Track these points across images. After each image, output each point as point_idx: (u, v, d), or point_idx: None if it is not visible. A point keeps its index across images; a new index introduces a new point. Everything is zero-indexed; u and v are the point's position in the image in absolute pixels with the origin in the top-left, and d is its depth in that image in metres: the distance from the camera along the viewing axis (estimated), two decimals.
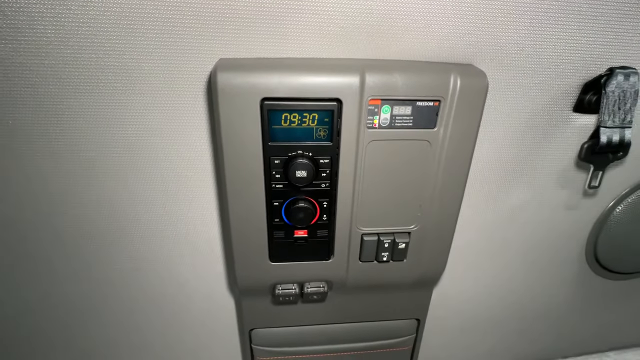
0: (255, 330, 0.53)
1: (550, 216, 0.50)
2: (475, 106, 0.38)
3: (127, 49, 0.34)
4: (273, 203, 0.40)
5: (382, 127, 0.38)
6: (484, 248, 0.53)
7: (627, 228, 0.52)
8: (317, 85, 0.35)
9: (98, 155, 0.39)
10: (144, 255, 0.46)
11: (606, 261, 0.55)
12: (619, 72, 0.39)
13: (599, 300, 0.60)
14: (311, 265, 0.46)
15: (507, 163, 0.46)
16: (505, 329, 0.62)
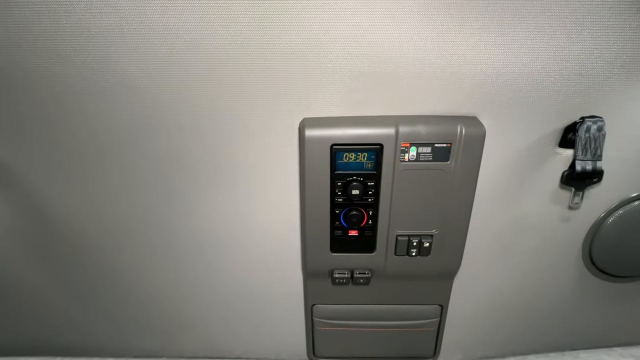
0: (316, 305, 0.72)
1: (548, 225, 0.64)
2: (476, 147, 0.54)
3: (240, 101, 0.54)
4: (335, 211, 0.59)
5: (410, 161, 0.56)
6: (495, 250, 0.67)
7: (618, 237, 0.64)
8: (367, 135, 0.54)
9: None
10: (244, 243, 0.67)
11: (601, 265, 0.67)
12: (588, 120, 0.54)
13: (599, 299, 0.71)
14: (359, 257, 0.64)
15: (509, 184, 0.61)
16: (517, 321, 0.75)
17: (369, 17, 0.48)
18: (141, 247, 0.69)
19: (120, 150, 0.59)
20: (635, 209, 0.63)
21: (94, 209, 0.65)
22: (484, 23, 0.49)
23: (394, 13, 0.48)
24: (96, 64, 0.51)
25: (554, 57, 0.51)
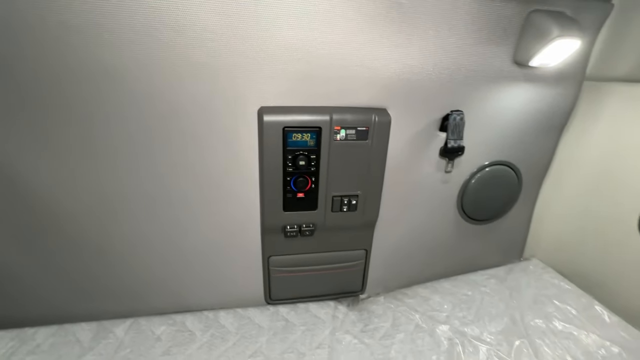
0: (272, 257, 0.90)
1: (434, 186, 0.92)
2: (385, 130, 0.78)
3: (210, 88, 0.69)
4: (287, 178, 0.78)
5: (341, 140, 0.77)
6: (401, 205, 0.93)
7: (477, 193, 0.95)
8: (310, 120, 0.73)
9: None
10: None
11: (469, 212, 0.98)
12: (454, 113, 0.81)
13: (469, 236, 1.03)
14: (306, 214, 0.84)
15: (409, 157, 0.86)
16: (419, 257, 1.03)
17: (308, 32, 0.67)
18: (106, 210, 0.78)
19: (84, 122, 0.68)
20: (486, 172, 0.94)
21: (55, 173, 0.72)
22: (390, 40, 0.71)
23: (326, 29, 0.67)
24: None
25: (434, 68, 0.76)
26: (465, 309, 0.92)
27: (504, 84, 0.83)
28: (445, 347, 0.81)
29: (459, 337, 0.83)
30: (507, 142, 0.92)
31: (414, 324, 0.89)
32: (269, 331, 0.87)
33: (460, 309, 0.92)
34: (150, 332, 0.85)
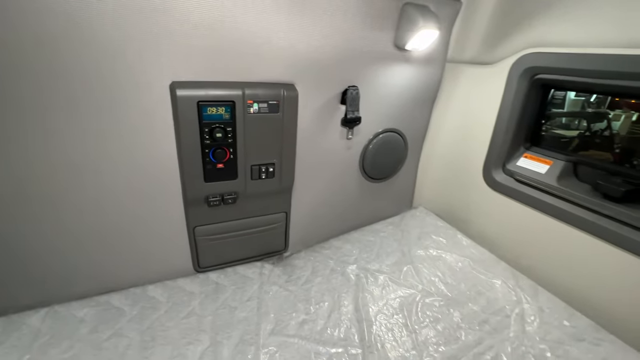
0: (197, 227, 0.95)
1: (340, 152, 1.07)
2: (294, 104, 0.88)
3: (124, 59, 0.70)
4: (205, 150, 0.83)
5: (254, 113, 0.85)
6: (314, 170, 1.07)
7: (375, 156, 1.14)
8: (223, 95, 0.79)
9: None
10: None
11: (369, 172, 1.17)
12: (351, 88, 0.96)
13: (371, 193, 1.25)
14: (227, 184, 0.90)
15: (316, 127, 0.99)
16: (331, 214, 1.21)
17: (217, 11, 0.71)
18: (10, 191, 0.73)
19: None
20: (380, 138, 1.13)
21: None
22: (295, 23, 0.80)
23: (235, 8, 0.73)
24: None
25: (333, 48, 0.88)
26: (369, 251, 1.13)
27: (388, 63, 1.00)
28: (353, 281, 1.00)
29: (363, 272, 1.03)
30: (394, 113, 1.12)
31: (329, 269, 1.06)
32: (200, 295, 0.94)
33: (365, 251, 1.13)
34: (71, 316, 0.84)
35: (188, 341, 0.80)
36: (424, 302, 0.91)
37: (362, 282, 0.99)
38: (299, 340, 0.82)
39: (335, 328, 0.85)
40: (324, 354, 0.79)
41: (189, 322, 0.85)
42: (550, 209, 0.92)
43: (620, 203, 0.81)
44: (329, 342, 0.82)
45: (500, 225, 1.08)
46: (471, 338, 0.80)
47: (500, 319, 0.84)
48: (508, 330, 0.82)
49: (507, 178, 1.05)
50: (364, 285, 0.98)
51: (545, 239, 0.95)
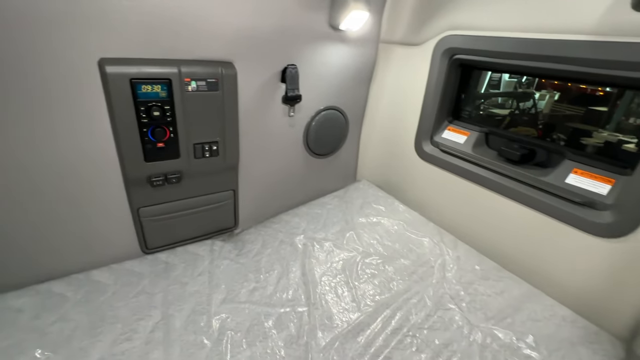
0: (142, 208, 0.95)
1: (283, 129, 1.12)
2: (233, 82, 0.90)
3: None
4: (143, 129, 0.82)
5: (193, 91, 0.85)
6: (260, 148, 1.10)
7: (317, 132, 1.21)
8: (157, 72, 0.78)
9: None
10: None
11: (313, 149, 1.24)
12: (289, 66, 0.99)
13: (316, 169, 1.32)
14: (169, 163, 0.91)
15: (258, 105, 1.02)
16: (279, 190, 1.26)
17: None
18: None
19: None
20: (322, 116, 1.20)
21: None
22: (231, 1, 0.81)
23: None
24: None
25: (271, 27, 0.91)
26: (316, 222, 1.21)
27: (325, 43, 1.05)
28: (301, 250, 1.08)
29: (310, 241, 1.11)
30: (334, 91, 1.19)
31: (278, 241, 1.12)
32: (150, 274, 0.95)
33: (313, 223, 1.21)
34: (6, 308, 0.81)
35: (139, 317, 0.81)
36: (363, 262, 1.02)
37: (309, 249, 1.07)
38: (250, 305, 0.88)
39: (284, 292, 0.93)
40: (273, 314, 0.86)
41: (138, 301, 0.86)
42: (466, 174, 1.07)
43: (518, 165, 0.97)
44: (277, 304, 0.89)
45: (429, 191, 1.22)
46: (401, 287, 0.93)
47: (425, 269, 0.98)
48: (432, 278, 0.95)
49: (434, 149, 1.18)
50: (311, 252, 1.06)
51: (463, 199, 1.10)
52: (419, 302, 0.88)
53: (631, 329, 0.76)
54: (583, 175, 0.84)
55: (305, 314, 0.86)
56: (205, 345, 0.77)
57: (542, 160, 0.96)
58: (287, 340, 0.79)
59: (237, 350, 0.76)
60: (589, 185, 0.82)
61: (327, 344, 0.78)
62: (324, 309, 0.87)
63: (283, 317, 0.85)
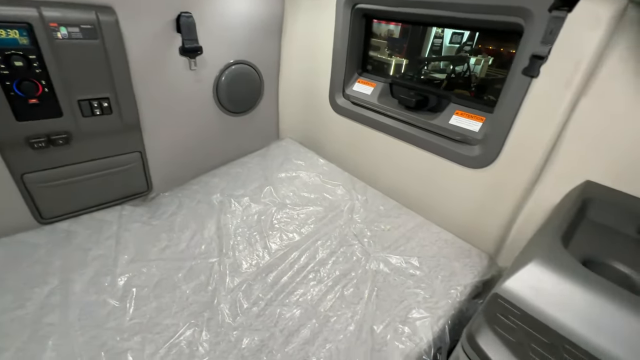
0: (27, 174, 0.87)
1: (190, 86, 1.07)
2: (115, 30, 0.82)
3: None
4: (6, 83, 0.73)
5: (65, 38, 0.77)
6: (165, 105, 1.05)
7: (229, 88, 1.17)
8: (10, 15, 0.69)
9: None
10: None
11: (227, 106, 1.21)
12: (183, 14, 0.93)
13: (233, 128, 1.30)
14: (50, 122, 0.83)
15: (154, 57, 0.95)
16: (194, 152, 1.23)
17: None
18: None
19: None
20: (233, 70, 1.16)
21: None
22: None
23: None
24: None
25: None
26: (236, 181, 1.21)
27: None
28: (218, 207, 1.08)
29: (227, 198, 1.11)
30: (242, 44, 1.14)
31: (196, 201, 1.11)
32: (47, 245, 0.89)
33: (232, 182, 1.21)
34: None
35: (33, 285, 0.77)
36: (278, 212, 1.06)
37: (225, 206, 1.08)
38: (160, 262, 0.88)
39: (197, 247, 0.94)
40: (185, 267, 0.87)
41: (33, 270, 0.81)
42: (373, 123, 1.13)
43: (414, 111, 1.05)
44: (189, 257, 0.90)
45: (343, 143, 1.28)
46: (311, 231, 0.99)
47: (335, 214, 1.05)
48: (340, 221, 1.03)
49: (346, 101, 1.22)
50: (227, 208, 1.07)
51: (371, 148, 1.17)
52: (326, 242, 0.95)
53: (496, 244, 0.91)
54: (463, 115, 0.94)
55: (217, 264, 0.88)
56: (108, 304, 0.76)
57: (434, 105, 1.05)
58: (196, 289, 0.82)
59: (143, 303, 0.77)
60: (467, 124, 0.92)
61: (235, 286, 0.82)
62: (235, 258, 0.90)
63: (194, 269, 0.87)
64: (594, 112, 0.67)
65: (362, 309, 0.77)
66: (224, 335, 0.71)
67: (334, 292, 0.81)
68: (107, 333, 0.70)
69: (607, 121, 0.66)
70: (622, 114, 0.64)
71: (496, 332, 0.38)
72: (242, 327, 0.73)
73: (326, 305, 0.78)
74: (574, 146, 0.71)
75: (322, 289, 0.82)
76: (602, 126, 0.67)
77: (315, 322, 0.75)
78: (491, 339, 0.38)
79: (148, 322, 0.73)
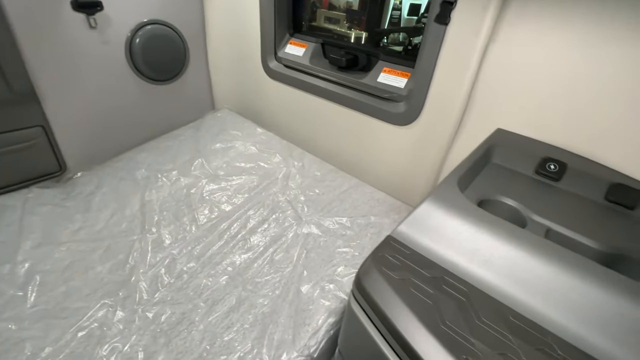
0: None
1: (96, 48, 0.95)
2: None
3: None
4: None
5: None
6: (66, 71, 0.92)
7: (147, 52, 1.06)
8: None
9: None
10: None
11: (147, 74, 1.10)
12: None
13: (158, 98, 1.19)
14: None
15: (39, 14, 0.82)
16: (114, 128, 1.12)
17: None
18: None
19: None
20: (148, 31, 1.04)
21: None
22: None
23: None
24: None
25: None
26: (164, 155, 1.13)
27: None
28: (143, 183, 1.00)
29: (154, 173, 1.03)
30: (157, 2, 1.03)
31: (118, 178, 1.02)
32: None
33: (161, 156, 1.12)
34: None
35: None
36: (208, 185, 1.00)
37: (151, 182, 1.00)
38: (72, 244, 0.80)
39: (117, 225, 0.87)
40: (102, 247, 0.80)
41: None
42: (307, 86, 1.08)
43: (346, 71, 1.01)
44: (107, 237, 0.83)
45: (279, 109, 1.23)
46: (244, 200, 0.95)
47: (270, 182, 1.01)
48: (275, 188, 1.00)
49: (278, 65, 1.16)
50: (153, 184, 1.00)
51: (306, 112, 1.13)
52: (258, 210, 0.92)
53: (423, 199, 0.93)
54: (390, 73, 0.92)
55: (138, 241, 0.82)
56: (5, 293, 0.68)
57: (365, 64, 1.02)
58: (112, 269, 0.76)
59: (49, 289, 0.70)
60: (394, 81, 0.91)
61: (157, 262, 0.77)
62: (160, 234, 0.85)
63: (112, 248, 0.80)
64: (502, 58, 0.68)
65: (290, 272, 0.76)
66: (141, 313, 0.67)
67: (263, 258, 0.79)
68: (2, 325, 0.63)
69: (514, 67, 0.67)
70: (527, 59, 0.65)
71: (381, 272, 0.38)
72: (162, 302, 0.69)
73: (255, 271, 0.76)
74: (486, 95, 0.72)
75: (251, 257, 0.79)
76: (510, 73, 0.68)
77: (241, 289, 0.72)
78: (375, 279, 0.38)
79: (54, 308, 0.67)
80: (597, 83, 0.59)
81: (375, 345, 0.37)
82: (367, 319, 0.38)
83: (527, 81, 0.67)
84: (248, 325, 0.66)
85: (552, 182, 0.57)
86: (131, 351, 0.61)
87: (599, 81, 0.58)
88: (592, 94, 0.60)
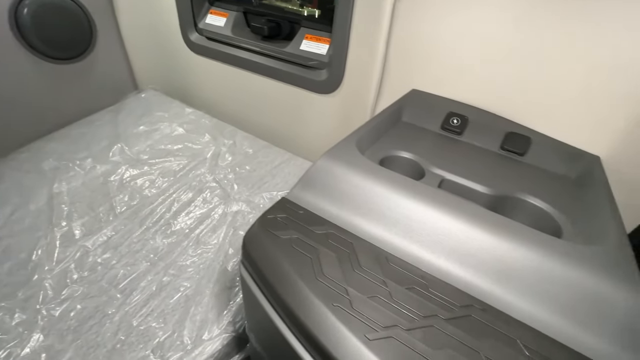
0: None
1: None
2: None
3: None
4: None
5: None
6: None
7: (39, 26, 0.93)
8: None
9: None
10: None
11: (45, 51, 0.97)
12: None
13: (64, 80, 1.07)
14: None
15: None
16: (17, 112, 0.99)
17: None
18: None
19: None
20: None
21: None
22: None
23: None
24: None
25: None
26: (78, 143, 1.02)
27: None
28: (50, 175, 0.90)
29: (64, 163, 0.93)
30: None
31: (23, 171, 0.91)
32: None
33: (74, 144, 1.01)
34: None
35: None
36: (129, 170, 0.92)
37: (61, 172, 0.91)
38: None
39: (19, 222, 0.77)
40: (0, 247, 0.71)
41: None
42: (231, 59, 1.02)
43: (269, 40, 0.97)
44: (7, 236, 0.74)
45: (207, 85, 1.16)
46: (169, 183, 0.89)
47: (197, 163, 0.96)
48: (204, 169, 0.95)
49: (200, 37, 1.08)
50: (64, 174, 0.90)
51: (234, 87, 1.07)
52: (182, 193, 0.87)
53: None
54: (312, 39, 0.89)
55: (43, 237, 0.74)
56: None
57: (287, 32, 0.98)
58: (12, 270, 0.68)
59: None
60: (316, 48, 0.88)
61: (66, 257, 0.71)
62: (69, 227, 0.77)
63: (12, 247, 0.72)
64: (409, 16, 0.67)
65: (216, 251, 0.73)
66: (45, 312, 0.61)
67: (187, 241, 0.75)
68: None
69: (423, 26, 0.67)
70: (434, 17, 0.65)
71: (267, 233, 0.37)
72: (70, 298, 0.64)
73: (178, 255, 0.72)
74: (399, 56, 0.72)
75: (174, 240, 0.75)
76: (418, 31, 0.68)
77: (163, 274, 0.69)
78: (260, 241, 0.36)
79: None
80: (499, 43, 0.60)
81: (264, 311, 0.36)
82: (254, 285, 0.37)
83: (436, 40, 0.67)
84: (169, 310, 0.63)
85: (455, 136, 0.59)
86: (31, 353, 0.55)
87: (501, 41, 0.60)
88: (494, 51, 0.61)
